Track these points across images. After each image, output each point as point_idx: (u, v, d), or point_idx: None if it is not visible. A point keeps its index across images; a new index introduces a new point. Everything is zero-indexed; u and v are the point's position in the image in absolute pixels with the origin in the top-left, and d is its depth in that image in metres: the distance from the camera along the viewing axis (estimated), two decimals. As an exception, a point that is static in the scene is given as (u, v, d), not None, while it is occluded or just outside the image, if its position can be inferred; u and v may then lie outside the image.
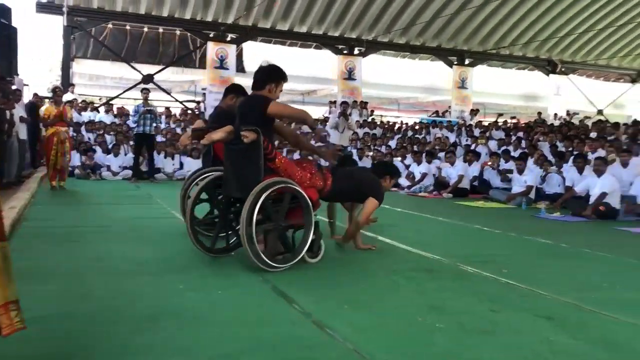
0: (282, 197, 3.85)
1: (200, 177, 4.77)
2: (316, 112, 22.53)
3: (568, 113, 21.51)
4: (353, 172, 4.75)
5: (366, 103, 19.11)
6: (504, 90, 23.54)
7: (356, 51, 19.71)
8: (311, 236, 3.93)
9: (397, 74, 22.11)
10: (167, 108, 17.89)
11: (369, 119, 18.38)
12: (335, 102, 18.42)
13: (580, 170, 9.05)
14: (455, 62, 21.00)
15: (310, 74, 21.06)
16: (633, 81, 24.38)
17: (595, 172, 8.12)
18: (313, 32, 18.96)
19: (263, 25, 18.35)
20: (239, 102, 4.39)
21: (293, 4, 17.65)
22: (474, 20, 19.25)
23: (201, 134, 4.38)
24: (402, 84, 22.61)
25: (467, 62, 21.20)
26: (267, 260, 3.69)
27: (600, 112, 23.30)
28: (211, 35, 17.95)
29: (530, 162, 10.56)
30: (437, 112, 22.57)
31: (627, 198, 8.14)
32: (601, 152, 10.16)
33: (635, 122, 16.44)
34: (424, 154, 12.25)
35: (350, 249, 4.66)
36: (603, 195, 7.73)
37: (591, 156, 9.88)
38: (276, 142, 5.32)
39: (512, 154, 11.68)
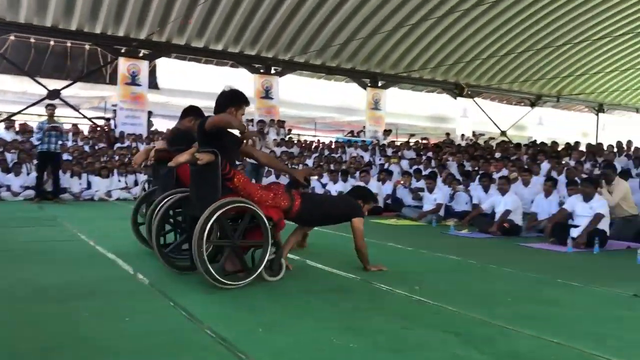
0: (242, 216, 3.98)
1: (162, 200, 4.76)
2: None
3: (474, 134, 22.68)
4: (325, 197, 4.88)
5: (283, 122, 19.19)
6: (415, 111, 24.51)
7: (273, 70, 19.82)
8: (268, 255, 4.04)
9: (314, 94, 22.45)
10: (75, 125, 17.11)
11: (287, 138, 18.46)
12: (252, 120, 18.35)
13: (486, 189, 9.51)
14: (369, 84, 21.61)
15: (227, 92, 20.87)
16: (532, 105, 26.08)
17: (500, 191, 8.57)
18: (229, 50, 18.86)
19: (177, 41, 18.03)
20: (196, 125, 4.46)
21: (209, 21, 17.50)
22: (385, 44, 19.94)
23: (164, 155, 4.65)
24: (319, 104, 22.97)
25: (380, 84, 21.87)
26: (217, 277, 3.78)
27: (503, 133, 24.72)
28: (123, 51, 17.39)
29: (439, 181, 10.99)
30: (352, 131, 23.08)
31: (528, 215, 8.64)
32: (505, 172, 10.74)
33: (534, 143, 17.57)
34: (339, 173, 12.44)
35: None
36: (507, 212, 8.16)
37: (496, 175, 10.43)
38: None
39: (423, 173, 12.12)
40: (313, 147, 18.81)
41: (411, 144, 18.66)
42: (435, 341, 2.88)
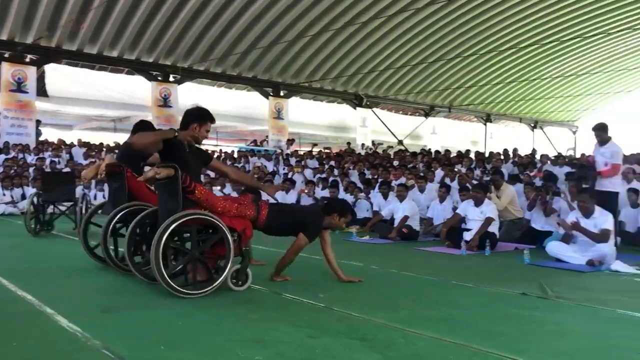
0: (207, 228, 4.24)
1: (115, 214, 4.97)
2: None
3: (373, 143, 23.39)
4: (292, 207, 4.86)
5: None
6: (317, 121, 24.85)
7: (171, 78, 19.31)
8: (231, 265, 4.17)
9: (215, 102, 22.06)
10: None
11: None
12: (150, 130, 17.74)
13: (385, 196, 9.83)
14: (271, 93, 21.67)
15: (123, 100, 20.09)
16: (426, 115, 27.34)
17: (398, 198, 8.90)
18: (125, 57, 18.16)
19: (68, 47, 17.11)
20: None
21: (103, 26, 16.76)
22: (287, 53, 20.11)
23: (115, 169, 5.02)
24: (221, 113, 22.54)
25: (282, 93, 22.00)
26: (173, 284, 3.92)
27: (400, 142, 25.69)
28: (6, 56, 16.22)
29: (341, 189, 11.22)
30: (255, 141, 22.99)
31: (425, 220, 9.03)
32: (402, 180, 11.16)
33: (429, 151, 18.41)
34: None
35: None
36: (405, 218, 8.48)
37: (394, 183, 10.80)
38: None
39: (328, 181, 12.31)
40: (215, 156, 18.51)
41: (314, 153, 18.90)
42: (341, 348, 2.92)
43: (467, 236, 7.37)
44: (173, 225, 3.93)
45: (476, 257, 6.81)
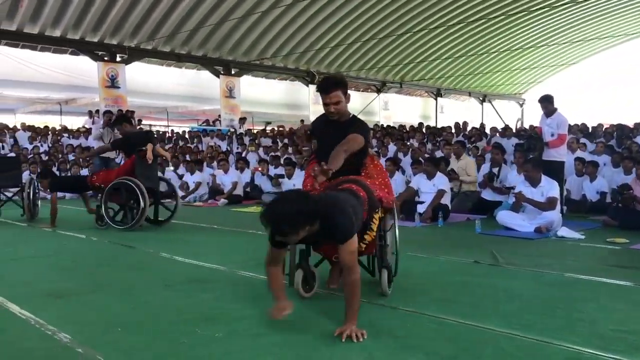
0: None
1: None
2: (76, 122, 20.85)
3: (327, 120, 23.38)
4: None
5: (133, 112, 18.27)
6: (270, 99, 24.66)
7: (118, 58, 18.72)
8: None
9: (164, 82, 21.61)
10: None
11: (136, 129, 17.60)
12: (97, 111, 17.21)
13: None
14: (222, 72, 21.31)
15: (68, 82, 19.43)
16: (378, 91, 27.50)
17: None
18: (68, 36, 17.46)
19: (7, 27, 16.32)
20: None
21: (43, 5, 16.03)
22: (236, 31, 19.77)
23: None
24: (171, 93, 22.16)
25: (233, 72, 21.66)
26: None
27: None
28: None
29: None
30: (207, 120, 22.66)
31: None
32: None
33: (382, 127, 18.58)
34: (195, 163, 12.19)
35: (111, 263, 4.40)
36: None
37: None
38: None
39: (281, 159, 12.28)
40: (166, 137, 18.19)
41: (267, 131, 18.77)
42: (299, 322, 2.95)
43: (421, 209, 7.51)
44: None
45: (430, 229, 6.96)
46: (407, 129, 17.13)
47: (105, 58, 18.36)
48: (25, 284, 3.96)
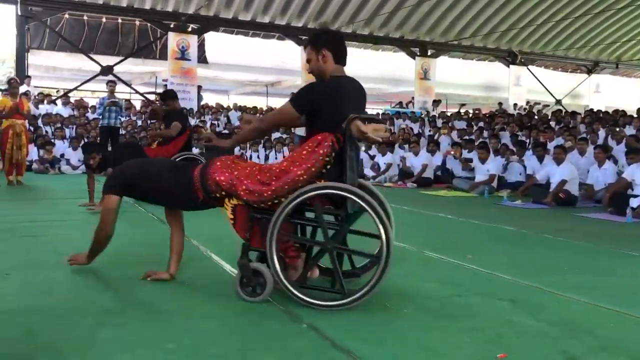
0: None
1: None
2: (281, 103, 22.44)
3: (528, 103, 21.99)
4: None
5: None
6: (466, 81, 23.87)
7: (319, 42, 19.63)
8: None
9: (361, 64, 22.13)
10: (128, 100, 17.55)
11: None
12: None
13: (541, 159, 9.26)
14: (418, 53, 21.18)
15: (274, 65, 20.95)
16: (589, 72, 25.04)
17: (555, 161, 8.33)
18: (276, 22, 18.84)
19: (225, 15, 18.13)
20: None
21: (255, -7, 17.50)
22: (435, 11, 19.44)
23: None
24: (366, 75, 22.54)
25: (429, 53, 21.40)
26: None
27: (558, 102, 23.88)
28: (172, 26, 17.64)
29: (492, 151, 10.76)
30: (400, 103, 22.76)
31: (585, 185, 8.38)
32: (561, 141, 10.42)
33: (591, 111, 16.93)
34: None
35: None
36: (563, 182, 7.93)
37: (550, 145, 10.13)
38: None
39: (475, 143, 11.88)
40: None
41: (462, 114, 18.27)
42: (490, 308, 2.86)
43: (635, 203, 6.73)
44: None
45: (645, 226, 6.21)
46: (622, 114, 15.34)
47: (308, 42, 19.39)
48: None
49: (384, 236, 2.71)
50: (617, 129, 11.40)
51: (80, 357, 2.14)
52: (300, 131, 12.11)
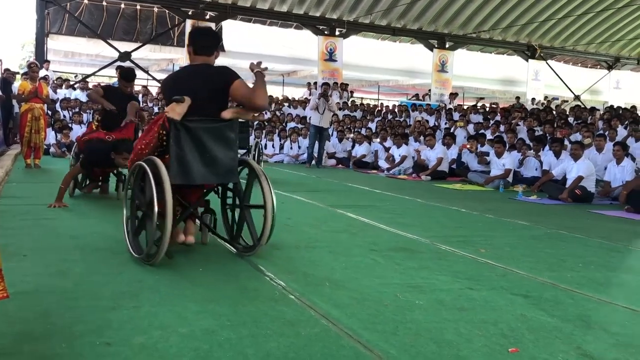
0: None
1: None
2: (296, 93, 22.42)
3: (546, 98, 21.75)
4: None
5: (346, 85, 19.05)
6: (483, 74, 23.68)
7: (337, 32, 19.58)
8: None
9: (377, 56, 22.06)
10: (145, 86, 17.63)
11: (349, 101, 18.35)
12: (315, 83, 18.30)
13: (557, 155, 9.17)
14: (436, 46, 21.02)
15: (291, 55, 20.91)
16: (609, 68, 24.69)
17: (572, 156, 8.24)
18: (294, 11, 18.77)
19: (243, 3, 18.12)
20: None
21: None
22: (455, 3, 19.26)
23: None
24: (383, 67, 22.56)
25: (447, 45, 21.23)
26: None
27: (577, 97, 23.59)
28: (190, 13, 17.66)
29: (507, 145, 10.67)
30: (417, 95, 22.63)
31: (602, 182, 8.29)
32: (578, 137, 10.31)
33: (610, 108, 16.70)
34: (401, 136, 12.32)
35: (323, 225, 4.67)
36: (579, 179, 7.85)
37: (567, 141, 10.02)
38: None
39: (490, 137, 11.79)
40: (376, 111, 18.62)
41: (479, 107, 18.13)
42: (503, 302, 2.85)
43: (652, 201, 6.65)
44: None
45: (661, 224, 6.13)
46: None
47: (326, 32, 19.34)
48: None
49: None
50: (637, 127, 11.24)
51: (96, 338, 2.17)
52: (315, 120, 12.14)
